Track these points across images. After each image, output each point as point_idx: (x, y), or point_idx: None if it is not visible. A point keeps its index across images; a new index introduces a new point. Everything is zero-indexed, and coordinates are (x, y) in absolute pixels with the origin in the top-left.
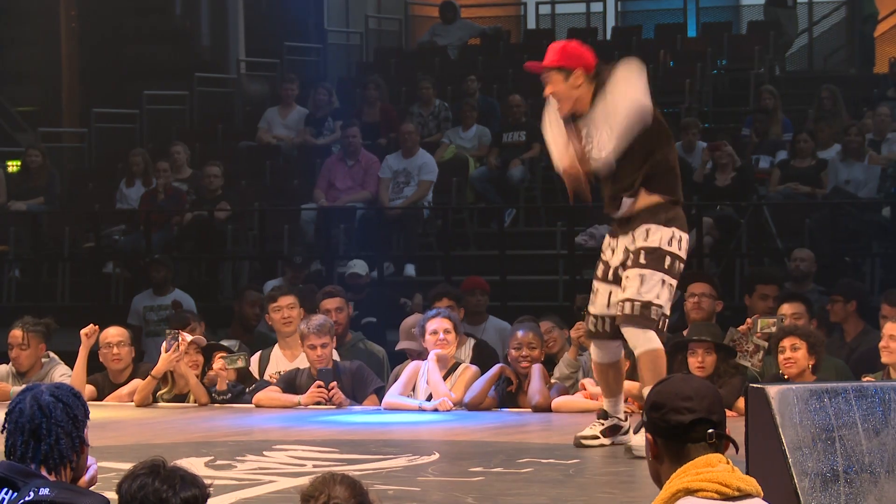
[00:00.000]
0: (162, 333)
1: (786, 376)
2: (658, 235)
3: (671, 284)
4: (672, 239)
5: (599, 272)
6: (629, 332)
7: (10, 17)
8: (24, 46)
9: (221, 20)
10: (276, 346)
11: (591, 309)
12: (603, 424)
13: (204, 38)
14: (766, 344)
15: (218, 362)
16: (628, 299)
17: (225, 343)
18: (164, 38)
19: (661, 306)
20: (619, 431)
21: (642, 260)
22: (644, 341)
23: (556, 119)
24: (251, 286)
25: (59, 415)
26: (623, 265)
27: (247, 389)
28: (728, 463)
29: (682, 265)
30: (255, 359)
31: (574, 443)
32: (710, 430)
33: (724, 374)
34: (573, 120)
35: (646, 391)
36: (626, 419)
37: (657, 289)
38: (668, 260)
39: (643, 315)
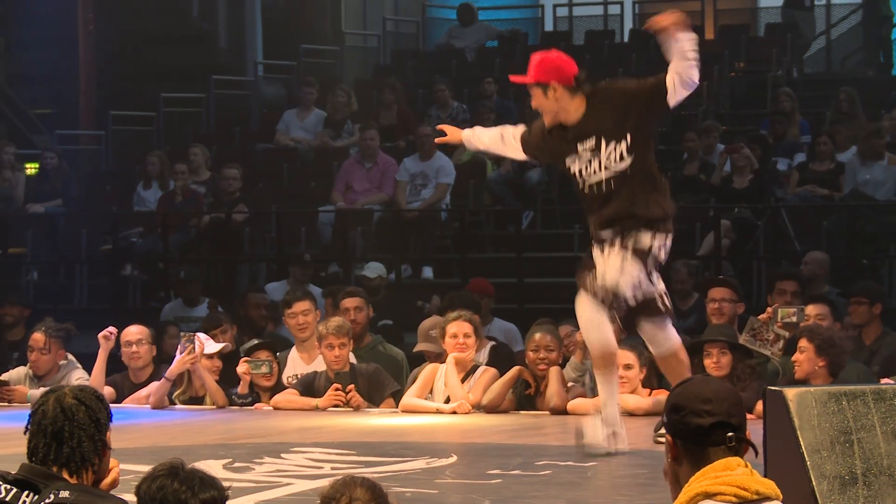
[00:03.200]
0: None
1: (796, 377)
2: (647, 234)
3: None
4: (658, 239)
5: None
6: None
7: (28, 19)
8: (41, 49)
9: (238, 22)
10: (294, 348)
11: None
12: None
13: (221, 40)
14: (786, 333)
15: (242, 366)
16: (604, 285)
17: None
18: (182, 41)
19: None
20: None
21: (629, 246)
22: (670, 343)
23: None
24: (253, 288)
25: (81, 417)
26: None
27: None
28: (747, 466)
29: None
30: None
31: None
32: (730, 434)
33: (743, 375)
34: (563, 131)
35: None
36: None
37: (636, 279)
38: (648, 261)
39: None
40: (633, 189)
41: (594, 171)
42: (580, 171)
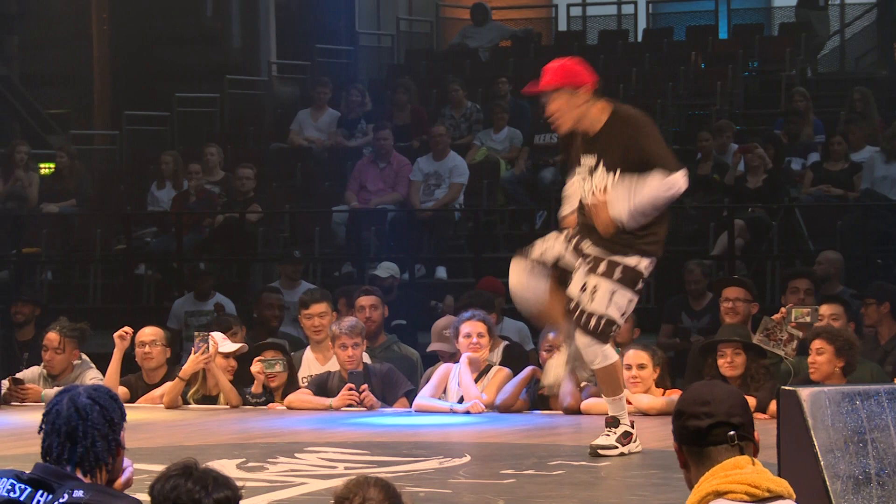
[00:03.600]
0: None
1: (811, 379)
2: (636, 257)
3: (633, 305)
4: (647, 261)
5: (565, 235)
6: (585, 343)
7: (42, 19)
8: (55, 49)
9: (252, 22)
10: (308, 349)
11: (541, 244)
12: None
13: (235, 40)
14: (800, 333)
15: (256, 365)
16: (594, 313)
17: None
18: (195, 41)
19: (619, 326)
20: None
21: (617, 275)
22: (602, 358)
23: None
24: (268, 288)
25: (95, 417)
26: (592, 263)
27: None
28: (755, 465)
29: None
30: None
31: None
32: (731, 433)
33: (757, 375)
34: (582, 140)
35: (607, 401)
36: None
37: (624, 308)
38: (640, 283)
39: (604, 332)
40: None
41: (585, 194)
42: (581, 179)
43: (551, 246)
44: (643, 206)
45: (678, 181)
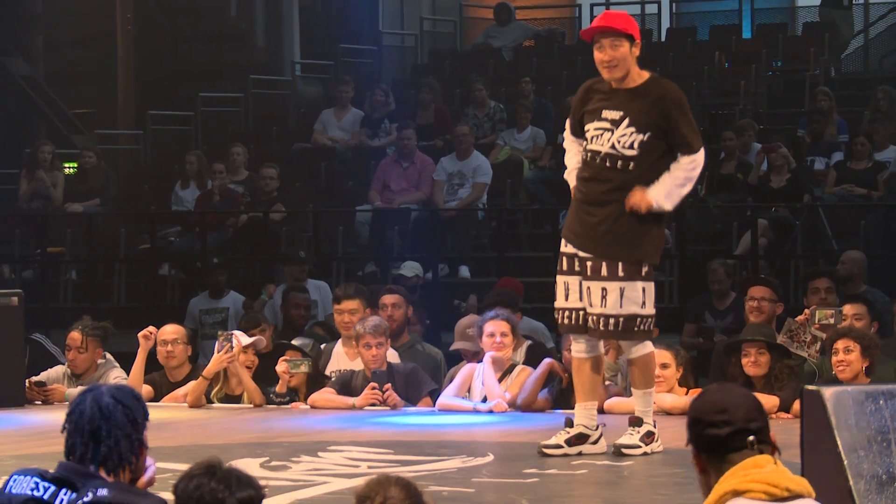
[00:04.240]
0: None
1: (839, 379)
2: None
3: (651, 290)
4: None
5: (564, 266)
6: (623, 344)
7: (67, 19)
8: (80, 48)
9: (276, 22)
10: (339, 342)
11: (565, 304)
12: (568, 433)
13: (259, 40)
14: (823, 335)
15: (281, 365)
16: (610, 315)
17: (297, 342)
18: (220, 41)
19: (647, 316)
20: (585, 440)
21: (620, 272)
22: (639, 346)
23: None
24: (295, 286)
25: (118, 417)
26: (591, 271)
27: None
28: (776, 464)
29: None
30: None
31: (537, 451)
32: (750, 438)
33: (780, 375)
34: (606, 92)
35: (636, 393)
36: (596, 427)
37: (640, 299)
38: (646, 267)
39: (626, 329)
40: (625, 191)
41: (602, 143)
42: (593, 138)
43: (575, 304)
44: (676, 187)
45: (699, 159)
